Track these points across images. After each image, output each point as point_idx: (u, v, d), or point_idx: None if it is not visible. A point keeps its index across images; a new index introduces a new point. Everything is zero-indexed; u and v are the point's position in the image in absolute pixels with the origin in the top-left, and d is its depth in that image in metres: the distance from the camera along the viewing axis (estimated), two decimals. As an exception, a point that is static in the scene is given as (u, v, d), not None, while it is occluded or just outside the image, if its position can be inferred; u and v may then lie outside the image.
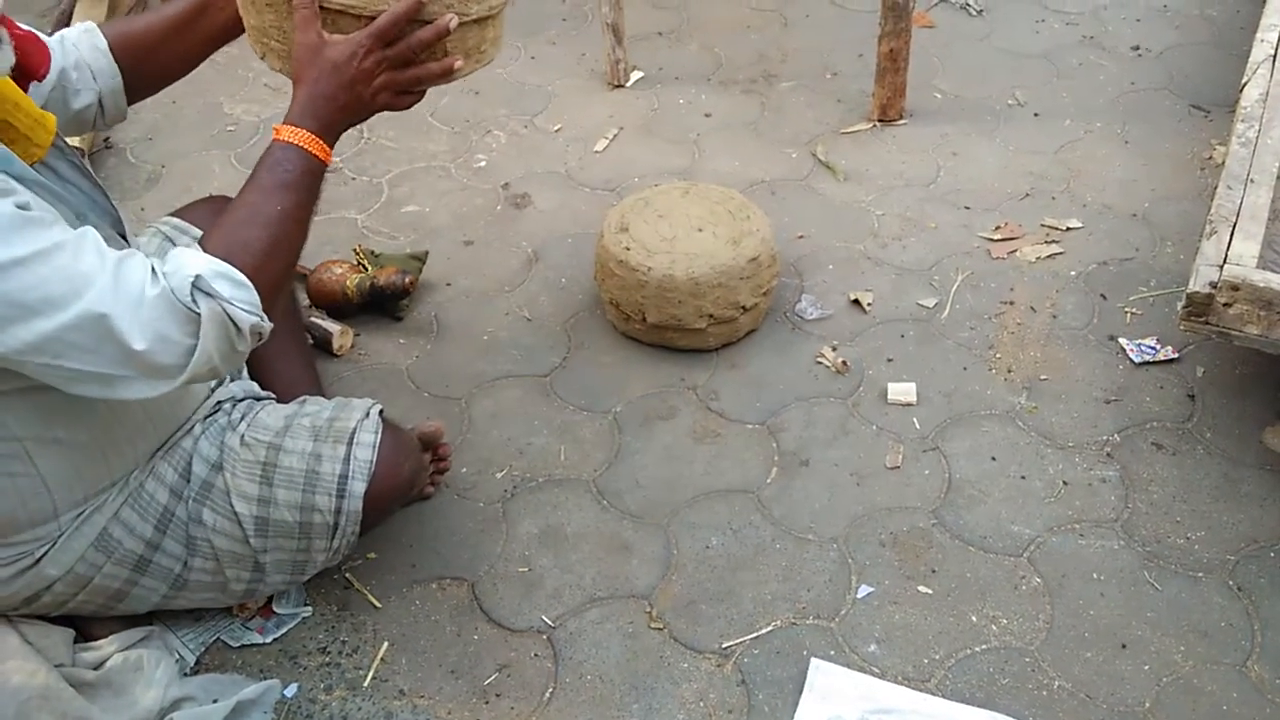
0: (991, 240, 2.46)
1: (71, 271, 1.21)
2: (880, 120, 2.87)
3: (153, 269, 1.28)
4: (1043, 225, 2.49)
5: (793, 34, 3.30)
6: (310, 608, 1.76)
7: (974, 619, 1.71)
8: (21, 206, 1.20)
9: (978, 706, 1.59)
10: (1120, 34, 3.20)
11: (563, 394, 2.15)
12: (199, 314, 1.27)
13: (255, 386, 1.76)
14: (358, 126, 1.55)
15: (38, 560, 1.47)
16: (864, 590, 1.76)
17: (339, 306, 2.30)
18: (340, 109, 1.39)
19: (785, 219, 2.51)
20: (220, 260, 1.30)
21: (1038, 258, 2.39)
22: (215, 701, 1.59)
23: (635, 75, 3.12)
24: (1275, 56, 2.39)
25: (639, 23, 3.31)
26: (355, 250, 2.44)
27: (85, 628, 1.64)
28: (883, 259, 2.43)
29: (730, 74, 3.13)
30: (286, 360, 1.88)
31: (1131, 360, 2.13)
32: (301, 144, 1.38)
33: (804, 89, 3.04)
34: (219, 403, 1.66)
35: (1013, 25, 3.28)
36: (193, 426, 1.60)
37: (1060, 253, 2.40)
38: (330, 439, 1.59)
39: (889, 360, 2.17)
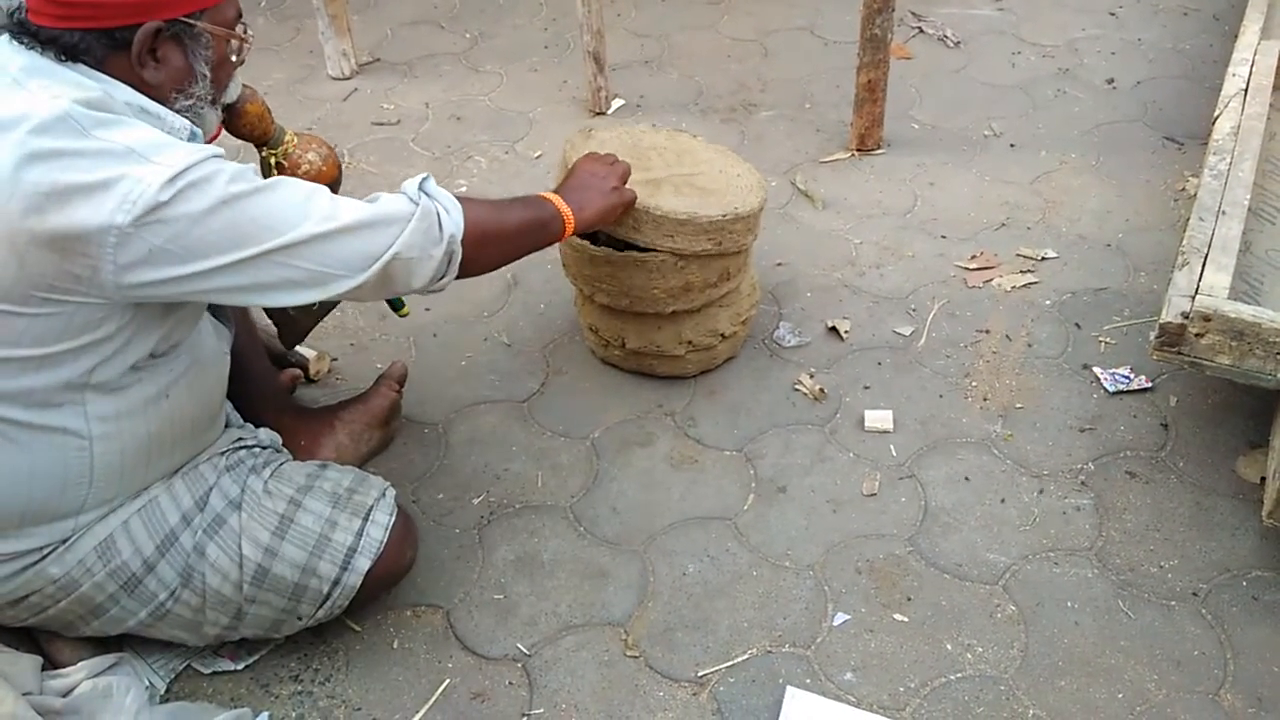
0: (968, 269, 2.48)
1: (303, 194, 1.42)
2: (858, 150, 2.89)
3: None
4: (1018, 255, 2.51)
5: (772, 64, 3.34)
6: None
7: (949, 647, 1.71)
8: None
9: (953, 735, 1.59)
10: (1095, 67, 3.25)
11: (540, 420, 2.15)
12: (416, 204, 1.49)
13: (278, 438, 1.79)
14: (339, 150, 1.60)
15: (43, 557, 1.47)
16: (840, 618, 1.76)
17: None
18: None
19: (764, 247, 2.53)
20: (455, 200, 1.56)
21: (1013, 287, 2.41)
22: (185, 730, 1.57)
23: (616, 103, 3.14)
24: (1246, 90, 2.43)
25: (620, 51, 3.34)
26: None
27: (54, 655, 1.62)
28: (860, 287, 2.44)
29: (710, 103, 3.15)
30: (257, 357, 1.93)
31: (1105, 389, 2.15)
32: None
33: (783, 118, 3.07)
34: (240, 439, 1.69)
35: (989, 57, 3.33)
36: (214, 455, 1.63)
37: (1035, 282, 2.43)
38: (348, 510, 1.63)
39: (866, 388, 2.18)
